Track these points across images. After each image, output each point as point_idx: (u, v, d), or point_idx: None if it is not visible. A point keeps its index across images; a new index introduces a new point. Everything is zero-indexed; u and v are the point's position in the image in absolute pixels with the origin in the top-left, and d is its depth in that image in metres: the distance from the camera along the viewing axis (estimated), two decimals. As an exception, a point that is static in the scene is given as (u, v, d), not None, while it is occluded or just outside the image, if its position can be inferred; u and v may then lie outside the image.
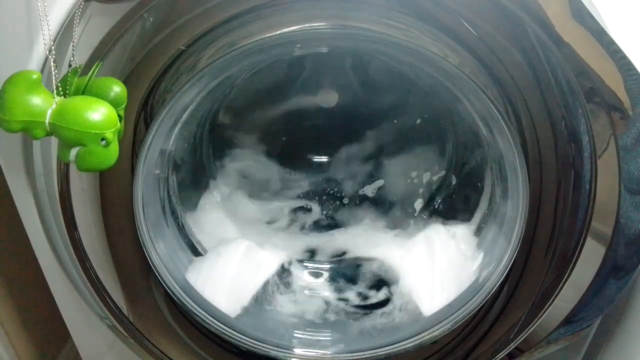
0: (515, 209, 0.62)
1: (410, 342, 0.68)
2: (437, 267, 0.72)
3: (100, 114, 0.49)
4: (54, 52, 0.52)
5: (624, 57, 0.53)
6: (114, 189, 0.64)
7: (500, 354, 0.69)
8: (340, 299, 0.77)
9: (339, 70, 0.85)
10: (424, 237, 0.77)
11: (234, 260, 0.73)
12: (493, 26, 0.56)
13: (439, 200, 0.86)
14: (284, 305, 0.75)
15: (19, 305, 0.85)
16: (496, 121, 0.58)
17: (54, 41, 0.54)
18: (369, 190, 0.89)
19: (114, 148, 0.52)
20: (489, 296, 0.65)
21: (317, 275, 0.81)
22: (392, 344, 0.69)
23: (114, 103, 0.52)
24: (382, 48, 0.60)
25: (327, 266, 0.82)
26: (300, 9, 0.58)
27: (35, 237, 0.69)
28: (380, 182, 0.89)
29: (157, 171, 0.67)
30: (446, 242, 0.74)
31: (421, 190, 0.88)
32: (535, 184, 0.61)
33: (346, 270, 0.81)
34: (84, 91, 0.52)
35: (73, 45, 0.55)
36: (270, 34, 0.55)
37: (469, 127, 0.75)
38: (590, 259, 0.61)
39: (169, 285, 0.67)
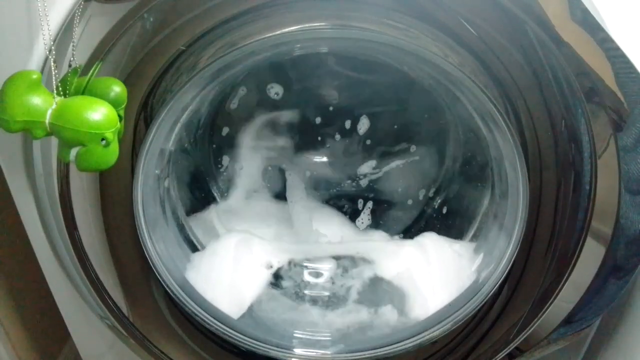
0: (515, 209, 0.62)
1: (410, 342, 0.68)
2: (433, 269, 0.72)
3: (100, 114, 0.49)
4: (54, 52, 0.52)
5: (624, 57, 0.53)
6: (114, 189, 0.64)
7: (500, 354, 0.69)
8: (340, 295, 0.77)
9: (338, 70, 0.85)
10: (419, 241, 0.77)
11: (230, 257, 0.73)
12: (493, 26, 0.56)
13: (438, 205, 0.86)
14: (284, 305, 0.76)
15: (19, 305, 0.85)
16: (496, 121, 0.58)
17: (54, 41, 0.54)
18: (364, 217, 0.89)
19: (114, 148, 0.52)
20: (488, 296, 0.65)
21: (316, 275, 0.81)
22: (392, 344, 0.69)
23: (114, 103, 0.52)
24: (382, 48, 0.60)
25: (327, 266, 0.82)
26: (300, 9, 0.58)
27: (35, 237, 0.69)
28: (370, 204, 0.89)
29: (157, 171, 0.67)
30: (440, 245, 0.74)
31: (420, 196, 0.88)
32: (535, 184, 0.61)
33: (345, 272, 0.81)
34: (84, 91, 0.52)
35: (73, 45, 0.55)
36: (270, 34, 0.55)
37: (469, 128, 0.75)
38: (590, 259, 0.61)
39: (168, 285, 0.67)
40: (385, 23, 0.57)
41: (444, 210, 0.85)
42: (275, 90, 0.85)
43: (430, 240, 0.76)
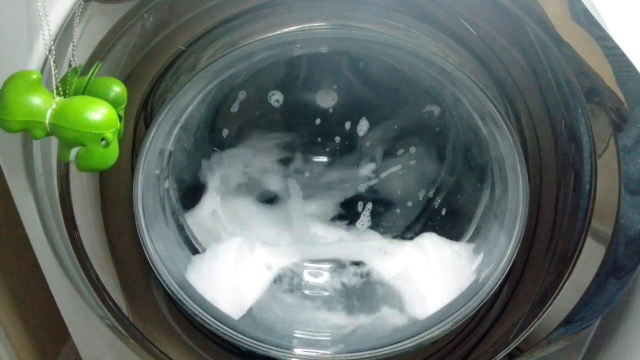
0: (515, 209, 0.62)
1: (410, 343, 0.68)
2: (432, 269, 0.72)
3: (100, 114, 0.49)
4: (54, 52, 0.52)
5: (624, 56, 0.53)
6: (114, 189, 0.64)
7: (500, 354, 0.69)
8: (339, 295, 0.77)
9: (338, 70, 0.85)
10: (419, 242, 0.77)
11: (231, 258, 0.73)
12: (493, 26, 0.56)
13: (437, 205, 0.86)
14: (284, 305, 0.75)
15: (19, 305, 0.85)
16: (496, 121, 0.58)
17: (54, 41, 0.54)
18: (364, 219, 0.88)
19: (114, 148, 0.52)
20: (488, 296, 0.65)
21: (316, 275, 0.81)
22: (392, 344, 0.69)
23: (114, 103, 0.52)
24: (382, 48, 0.60)
25: (327, 266, 0.82)
26: (300, 9, 0.58)
27: (35, 237, 0.69)
28: (369, 206, 0.89)
29: (157, 171, 0.67)
30: (440, 245, 0.74)
31: (419, 197, 0.88)
32: (535, 184, 0.61)
33: (345, 272, 0.81)
34: (84, 91, 0.52)
35: (73, 45, 0.55)
36: (270, 34, 0.55)
37: (469, 128, 0.75)
38: (590, 259, 0.61)
39: (168, 285, 0.67)
40: (385, 23, 0.57)
41: (444, 211, 0.85)
42: (275, 98, 0.85)
43: (430, 241, 0.76)
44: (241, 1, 0.56)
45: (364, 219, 0.88)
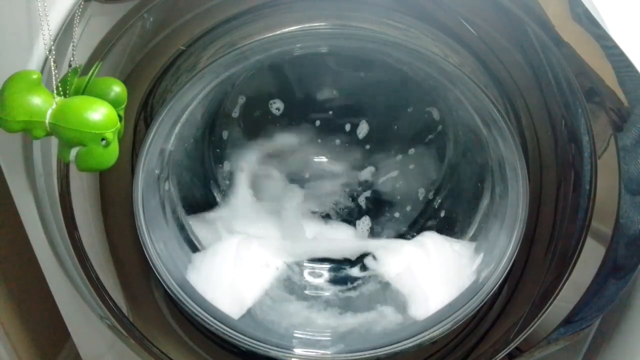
0: (515, 209, 0.62)
1: (410, 342, 0.68)
2: (433, 269, 0.72)
3: (100, 114, 0.49)
4: (54, 52, 0.52)
5: (624, 56, 0.53)
6: (114, 189, 0.64)
7: (500, 354, 0.69)
8: (340, 295, 0.77)
9: (338, 72, 0.85)
10: (420, 241, 0.77)
11: (230, 258, 0.73)
12: (493, 26, 0.56)
13: (437, 205, 0.86)
14: (285, 305, 0.75)
15: (19, 305, 0.85)
16: (496, 121, 0.58)
17: (54, 41, 0.54)
18: (365, 220, 0.89)
19: (114, 148, 0.52)
20: (488, 296, 0.65)
21: (316, 275, 0.81)
22: (392, 344, 0.69)
23: (114, 103, 0.52)
24: (382, 48, 0.60)
25: (327, 266, 0.82)
26: (300, 9, 0.58)
27: (35, 237, 0.69)
28: (370, 207, 0.89)
29: (157, 171, 0.67)
30: (441, 245, 0.74)
31: (419, 198, 0.89)
32: (535, 184, 0.61)
33: (345, 272, 0.81)
34: (84, 91, 0.52)
35: (73, 45, 0.55)
36: (270, 34, 0.55)
37: (469, 128, 0.75)
38: (590, 259, 0.61)
39: (168, 285, 0.67)
40: (385, 23, 0.57)
41: (444, 211, 0.85)
42: (276, 106, 0.85)
43: (430, 240, 0.76)
44: (241, 1, 0.57)
45: (364, 219, 0.88)
